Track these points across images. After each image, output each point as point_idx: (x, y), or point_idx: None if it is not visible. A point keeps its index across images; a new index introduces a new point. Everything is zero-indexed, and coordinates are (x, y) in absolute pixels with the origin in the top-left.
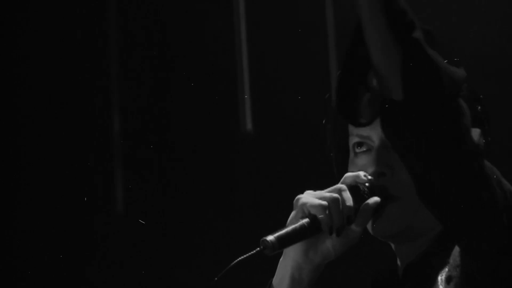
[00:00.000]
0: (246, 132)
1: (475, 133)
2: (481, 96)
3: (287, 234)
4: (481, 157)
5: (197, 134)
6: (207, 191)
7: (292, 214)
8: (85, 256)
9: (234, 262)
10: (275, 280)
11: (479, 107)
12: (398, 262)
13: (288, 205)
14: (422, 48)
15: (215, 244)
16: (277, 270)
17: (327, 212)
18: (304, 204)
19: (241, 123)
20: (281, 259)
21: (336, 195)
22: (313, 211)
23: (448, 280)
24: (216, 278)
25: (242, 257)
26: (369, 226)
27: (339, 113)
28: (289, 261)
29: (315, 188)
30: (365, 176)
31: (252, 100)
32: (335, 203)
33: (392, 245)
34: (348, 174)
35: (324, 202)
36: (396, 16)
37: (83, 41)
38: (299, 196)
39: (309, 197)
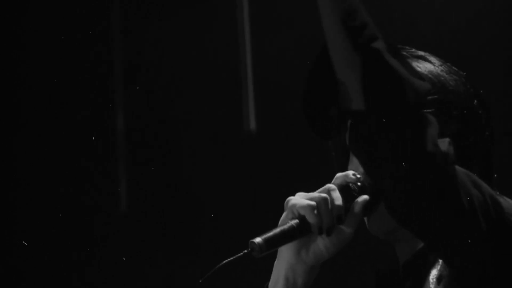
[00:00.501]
0: (249, 132)
1: (443, 142)
2: (481, 91)
3: (275, 235)
4: (451, 165)
5: (200, 133)
6: (210, 191)
7: (283, 215)
8: (87, 255)
9: (220, 264)
10: (271, 283)
11: (476, 101)
12: (400, 261)
13: None
14: (382, 57)
15: (216, 243)
16: (272, 272)
17: (315, 212)
18: (293, 205)
19: (245, 122)
20: (275, 261)
21: (324, 195)
22: (302, 212)
23: (438, 279)
24: (200, 281)
25: (229, 259)
26: (366, 224)
27: (309, 126)
28: (282, 263)
29: (316, 188)
30: (353, 175)
31: (255, 99)
32: (323, 203)
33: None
34: (339, 174)
35: (313, 203)
36: (355, 28)
37: (86, 40)
38: (289, 197)
39: (299, 198)
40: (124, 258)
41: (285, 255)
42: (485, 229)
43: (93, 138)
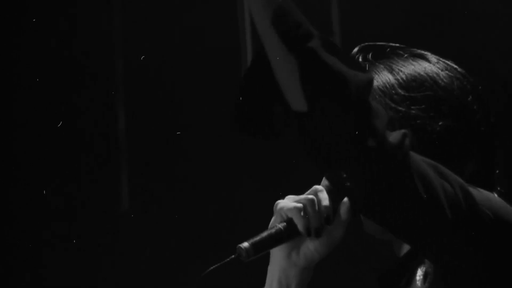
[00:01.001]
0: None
1: (397, 134)
2: (480, 87)
3: (262, 239)
4: (403, 157)
5: (201, 132)
6: (210, 190)
7: (272, 219)
8: (88, 254)
9: (208, 270)
10: (266, 287)
11: (470, 97)
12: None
13: None
14: (317, 56)
15: (216, 243)
16: (267, 276)
17: (302, 213)
18: (281, 209)
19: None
20: (269, 266)
21: (311, 196)
22: (289, 214)
23: (425, 277)
24: None
25: (217, 265)
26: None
27: (241, 129)
28: (275, 267)
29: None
30: None
31: None
32: (310, 204)
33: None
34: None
35: (299, 205)
36: (288, 30)
37: (88, 39)
38: (278, 201)
39: (287, 201)
40: (124, 257)
41: (276, 258)
42: (452, 220)
43: (95, 137)
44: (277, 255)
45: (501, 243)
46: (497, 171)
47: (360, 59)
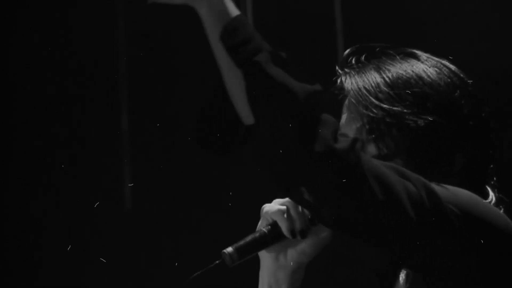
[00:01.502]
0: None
1: (346, 140)
2: (469, 82)
3: (246, 244)
4: (358, 160)
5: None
6: (212, 190)
7: (259, 223)
8: (91, 253)
9: (192, 276)
10: None
11: (458, 92)
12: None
13: None
14: (261, 68)
15: (218, 242)
16: (259, 281)
17: (285, 216)
18: (266, 212)
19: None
20: (260, 271)
21: None
22: (274, 217)
23: (407, 277)
24: None
25: (201, 271)
26: None
27: (199, 143)
28: (264, 270)
29: None
30: None
31: None
32: (293, 206)
33: None
34: None
35: (283, 207)
36: (235, 45)
37: (91, 39)
38: (264, 204)
39: (272, 205)
40: (126, 257)
41: (265, 262)
42: (416, 220)
43: (96, 137)
44: (266, 259)
45: (472, 239)
46: (491, 166)
47: (353, 61)
